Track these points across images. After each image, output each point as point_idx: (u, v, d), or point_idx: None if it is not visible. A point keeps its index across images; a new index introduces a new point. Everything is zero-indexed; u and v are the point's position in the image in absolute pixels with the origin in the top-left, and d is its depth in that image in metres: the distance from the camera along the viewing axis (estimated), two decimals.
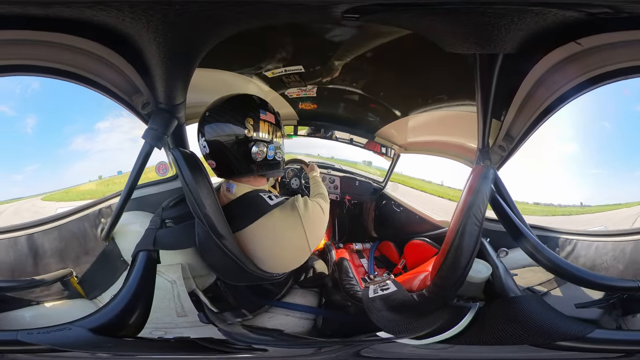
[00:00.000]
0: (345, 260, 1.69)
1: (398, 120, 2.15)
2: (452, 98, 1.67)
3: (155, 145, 1.18)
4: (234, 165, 1.09)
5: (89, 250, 1.25)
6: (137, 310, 0.92)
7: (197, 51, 1.02)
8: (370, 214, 2.68)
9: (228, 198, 1.13)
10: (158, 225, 1.19)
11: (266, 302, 1.45)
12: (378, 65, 1.67)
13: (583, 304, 1.10)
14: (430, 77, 1.61)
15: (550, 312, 0.98)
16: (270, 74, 1.78)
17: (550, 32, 0.84)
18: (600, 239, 1.21)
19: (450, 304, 1.25)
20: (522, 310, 1.02)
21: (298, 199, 1.10)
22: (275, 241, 1.08)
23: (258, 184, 1.16)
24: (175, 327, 1.13)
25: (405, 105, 1.98)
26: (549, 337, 0.91)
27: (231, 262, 1.04)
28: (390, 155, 2.53)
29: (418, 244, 1.92)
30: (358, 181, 2.60)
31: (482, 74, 1.10)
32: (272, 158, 1.12)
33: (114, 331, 0.87)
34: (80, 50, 0.98)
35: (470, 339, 1.05)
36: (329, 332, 1.43)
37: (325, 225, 1.20)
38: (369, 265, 2.11)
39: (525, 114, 1.17)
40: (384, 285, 1.44)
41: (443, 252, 1.24)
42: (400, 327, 1.18)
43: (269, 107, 1.14)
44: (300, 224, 1.06)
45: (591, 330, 0.86)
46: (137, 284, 0.97)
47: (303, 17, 0.94)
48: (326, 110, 2.33)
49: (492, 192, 1.19)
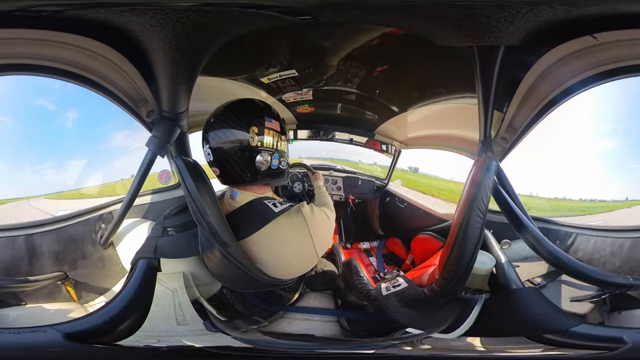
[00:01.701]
0: (354, 260, 1.69)
1: (397, 117, 2.15)
2: (451, 91, 1.66)
3: (159, 153, 1.20)
4: (238, 174, 1.08)
5: (86, 255, 1.25)
6: (129, 319, 0.89)
7: (199, 60, 1.04)
8: (375, 212, 2.68)
9: (232, 206, 1.13)
10: (159, 234, 1.19)
11: (280, 308, 1.45)
12: (371, 63, 1.66)
13: (577, 297, 1.10)
14: (427, 70, 1.60)
15: (541, 305, 0.97)
16: (266, 80, 1.79)
17: (555, 26, 0.83)
18: (600, 234, 1.21)
19: (459, 296, 1.26)
20: (517, 303, 1.02)
21: (304, 205, 1.09)
22: (282, 247, 1.07)
23: (262, 192, 1.14)
24: (173, 336, 1.12)
25: (403, 100, 1.98)
26: (538, 330, 0.91)
27: (237, 269, 1.03)
28: (391, 152, 2.53)
29: (424, 239, 1.92)
30: (360, 180, 2.60)
31: (482, 66, 1.09)
32: (276, 167, 1.11)
33: (96, 337, 0.83)
34: (94, 53, 1.01)
35: (480, 331, 1.05)
36: (363, 332, 1.43)
37: (332, 233, 1.19)
38: (378, 263, 2.11)
39: (529, 105, 1.16)
40: (395, 282, 1.45)
41: (448, 245, 1.24)
42: (423, 322, 1.19)
43: (273, 113, 1.13)
44: (306, 230, 1.05)
45: (576, 324, 0.86)
46: (134, 291, 0.95)
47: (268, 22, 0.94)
48: (324, 112, 2.33)
49: (494, 184, 1.19)
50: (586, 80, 0.99)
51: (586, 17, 0.81)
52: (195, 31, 0.86)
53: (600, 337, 0.84)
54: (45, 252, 1.15)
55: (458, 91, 1.62)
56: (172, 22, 0.80)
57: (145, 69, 1.06)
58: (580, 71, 0.98)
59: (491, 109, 1.20)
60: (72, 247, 1.21)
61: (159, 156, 1.21)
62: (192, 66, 1.06)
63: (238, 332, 1.25)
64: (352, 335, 1.41)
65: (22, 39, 0.92)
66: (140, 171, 1.19)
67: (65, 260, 1.19)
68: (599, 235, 1.20)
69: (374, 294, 1.44)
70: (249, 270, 1.04)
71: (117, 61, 1.04)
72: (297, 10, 0.82)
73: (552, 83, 1.04)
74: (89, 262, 1.25)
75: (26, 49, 0.94)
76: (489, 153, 1.31)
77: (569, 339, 0.87)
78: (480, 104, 1.22)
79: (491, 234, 1.39)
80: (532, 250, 1.14)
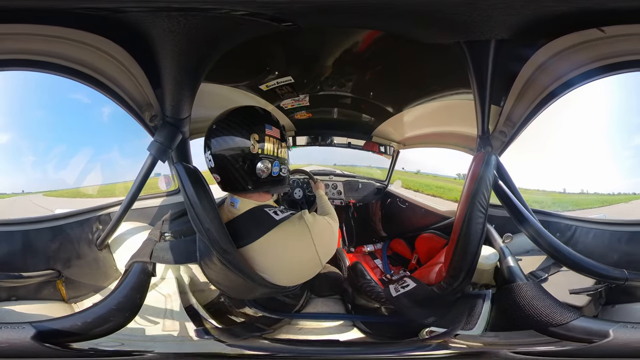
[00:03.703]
0: (360, 264, 1.68)
1: (393, 117, 2.17)
2: (445, 88, 1.68)
3: (160, 159, 1.20)
4: (238, 181, 1.07)
5: (81, 255, 1.23)
6: (111, 322, 0.86)
7: (204, 66, 1.06)
8: (377, 214, 2.68)
9: (232, 213, 1.11)
10: (157, 238, 1.18)
11: (286, 315, 1.42)
12: (363, 65, 1.69)
13: (576, 290, 1.10)
14: (419, 69, 1.62)
15: (544, 298, 0.97)
16: (264, 87, 1.81)
17: (546, 19, 0.84)
18: (598, 226, 1.22)
19: (468, 292, 1.26)
20: (518, 297, 1.02)
21: (305, 213, 1.08)
22: (284, 255, 1.06)
23: (262, 200, 1.13)
24: (150, 341, 1.07)
25: (398, 101, 2.01)
26: (544, 323, 0.91)
27: (236, 277, 1.02)
28: (390, 153, 2.55)
29: (428, 237, 1.92)
30: (360, 183, 2.61)
31: (475, 62, 1.10)
32: (277, 174, 1.10)
33: (71, 337, 0.80)
34: (106, 54, 1.03)
35: (498, 325, 1.05)
36: (388, 334, 1.41)
37: (335, 240, 1.17)
38: (384, 265, 2.10)
39: (527, 98, 1.17)
40: (403, 283, 1.43)
41: (452, 242, 1.24)
42: (441, 320, 1.18)
43: (274, 120, 1.12)
44: (309, 237, 1.04)
45: (576, 317, 0.86)
46: (124, 294, 0.93)
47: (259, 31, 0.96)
48: (321, 117, 2.36)
49: (495, 178, 1.20)
50: (588, 73, 0.99)
51: (570, 12, 0.82)
52: (203, 36, 0.87)
53: (590, 330, 0.83)
54: (40, 249, 1.14)
55: (451, 87, 1.64)
56: (186, 26, 0.81)
57: (152, 73, 1.08)
58: (582, 64, 0.98)
59: (488, 103, 1.21)
60: (68, 246, 1.20)
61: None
62: (197, 72, 1.08)
63: (234, 340, 1.22)
64: (376, 337, 1.39)
65: (36, 35, 0.93)
66: (140, 175, 1.19)
67: (60, 258, 1.18)
68: (598, 228, 1.21)
69: (384, 295, 1.43)
70: (249, 278, 1.03)
71: (127, 64, 1.06)
72: (280, 18, 0.84)
73: (551, 76, 1.05)
74: (83, 262, 1.23)
75: (40, 45, 0.95)
76: (487, 148, 1.32)
77: (567, 332, 0.86)
78: (476, 99, 1.23)
79: (493, 229, 1.39)
80: (533, 243, 1.14)
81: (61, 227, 1.19)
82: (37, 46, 0.95)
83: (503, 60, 1.07)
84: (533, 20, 0.84)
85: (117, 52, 1.02)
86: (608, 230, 1.18)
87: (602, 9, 0.81)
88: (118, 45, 1.00)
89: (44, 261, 1.14)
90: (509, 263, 1.21)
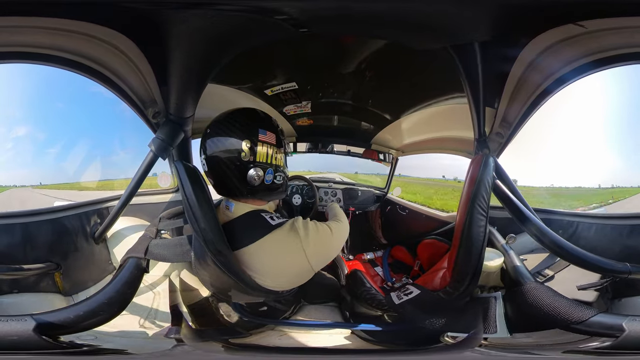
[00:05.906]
0: (359, 272, 1.65)
1: (391, 125, 2.21)
2: (441, 93, 1.71)
3: (160, 156, 1.20)
4: (229, 187, 1.06)
5: (78, 248, 1.23)
6: (100, 315, 0.86)
7: (212, 68, 1.08)
8: (376, 222, 2.67)
9: (228, 216, 1.10)
10: (153, 235, 1.17)
11: (272, 322, 1.38)
12: (362, 74, 1.72)
13: (583, 285, 1.10)
14: (414, 76, 1.66)
15: (556, 298, 0.96)
16: (269, 92, 1.85)
17: (527, 15, 0.87)
18: (599, 221, 1.22)
19: (477, 295, 1.24)
20: (534, 298, 1.01)
21: (298, 220, 1.06)
22: (276, 260, 1.05)
23: (257, 205, 1.12)
24: (122, 337, 1.05)
25: (395, 108, 2.05)
26: (561, 322, 0.90)
27: (228, 279, 1.01)
28: (389, 160, 2.56)
29: (429, 243, 1.90)
30: (360, 191, 2.61)
31: (465, 65, 1.13)
32: (270, 182, 1.07)
33: (64, 329, 0.81)
34: (114, 48, 1.03)
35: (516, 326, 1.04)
36: (400, 341, 1.37)
37: (332, 246, 1.14)
38: (385, 272, 2.06)
39: (521, 97, 1.19)
40: (405, 290, 1.41)
41: (455, 246, 1.24)
42: (455, 325, 1.16)
43: (271, 124, 1.10)
44: (299, 244, 1.02)
45: (594, 314, 0.85)
46: (116, 289, 0.94)
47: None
48: (322, 124, 2.39)
49: (494, 180, 1.20)
50: (580, 68, 1.01)
51: (536, 7, 0.84)
52: (217, 38, 0.90)
53: (607, 324, 0.83)
54: (40, 241, 1.14)
55: (447, 93, 1.67)
56: (201, 26, 0.83)
57: (160, 70, 1.09)
58: (572, 59, 1.00)
59: (482, 106, 1.23)
60: (67, 238, 1.20)
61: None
62: (205, 73, 1.10)
63: (198, 342, 1.20)
64: (380, 345, 1.36)
65: (41, 28, 0.94)
66: (140, 171, 1.20)
67: (58, 251, 1.18)
68: (599, 223, 1.21)
69: (386, 303, 1.40)
70: (241, 281, 1.02)
71: (135, 59, 1.07)
72: (296, 22, 0.87)
73: (542, 73, 1.07)
74: (80, 255, 1.23)
75: (45, 38, 0.96)
76: (485, 150, 1.34)
77: (589, 328, 0.86)
78: (470, 103, 1.26)
79: (496, 230, 1.39)
80: (537, 242, 1.14)
81: (60, 220, 1.19)
82: (39, 39, 0.96)
83: (491, 62, 1.09)
84: (506, 17, 0.87)
85: (127, 47, 1.04)
86: (609, 225, 1.18)
87: (568, 1, 0.84)
88: (129, 40, 1.01)
89: (43, 253, 1.14)
90: (515, 263, 1.20)
